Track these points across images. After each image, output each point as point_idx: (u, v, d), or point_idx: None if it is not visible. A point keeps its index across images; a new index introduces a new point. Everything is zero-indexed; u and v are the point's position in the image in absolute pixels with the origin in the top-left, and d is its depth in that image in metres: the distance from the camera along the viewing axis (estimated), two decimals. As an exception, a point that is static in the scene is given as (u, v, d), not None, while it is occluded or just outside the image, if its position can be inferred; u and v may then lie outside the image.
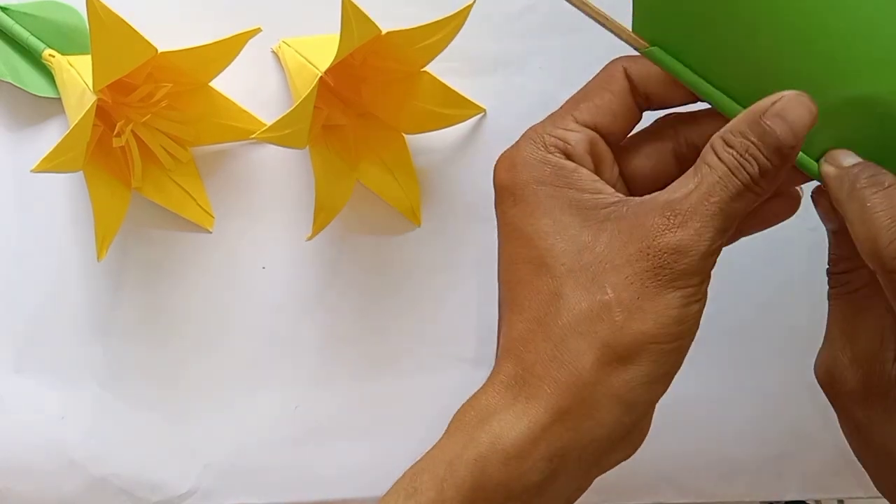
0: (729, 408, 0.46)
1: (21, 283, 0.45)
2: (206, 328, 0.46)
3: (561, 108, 0.33)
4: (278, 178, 0.46)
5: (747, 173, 0.30)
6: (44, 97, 0.44)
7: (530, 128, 0.33)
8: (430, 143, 0.46)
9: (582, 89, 0.33)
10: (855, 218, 0.30)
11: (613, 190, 0.32)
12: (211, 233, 0.46)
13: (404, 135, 0.45)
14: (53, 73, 0.43)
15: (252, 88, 0.45)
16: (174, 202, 0.45)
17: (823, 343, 0.35)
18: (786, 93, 0.30)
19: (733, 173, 0.30)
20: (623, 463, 0.46)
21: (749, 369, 0.46)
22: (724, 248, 0.47)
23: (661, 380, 0.31)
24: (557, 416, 0.30)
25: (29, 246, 0.45)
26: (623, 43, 0.33)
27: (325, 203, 0.43)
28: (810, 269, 0.47)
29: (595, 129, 0.33)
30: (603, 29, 0.34)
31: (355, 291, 0.46)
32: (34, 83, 0.44)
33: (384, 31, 0.39)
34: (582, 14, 0.34)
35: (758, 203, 0.31)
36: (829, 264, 0.35)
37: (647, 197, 0.31)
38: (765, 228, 0.35)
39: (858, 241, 0.30)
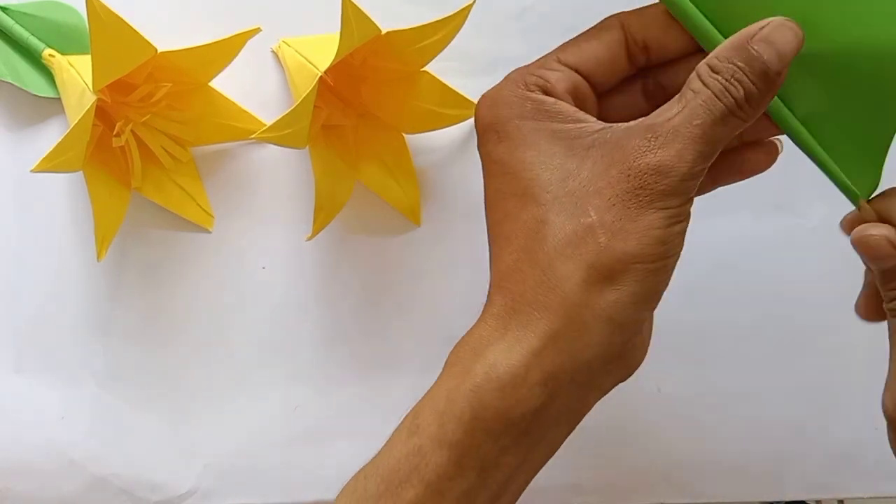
0: (729, 408, 0.46)
1: (21, 283, 0.45)
2: (206, 328, 0.46)
3: (548, 52, 0.34)
4: (278, 178, 0.46)
5: (732, 97, 0.30)
6: (44, 97, 0.44)
7: (513, 70, 0.33)
8: (430, 143, 0.46)
9: (574, 37, 0.34)
10: None
11: (597, 119, 0.32)
12: (211, 233, 0.46)
13: (404, 135, 0.45)
14: (53, 73, 0.43)
15: (252, 88, 0.45)
16: (174, 202, 0.45)
17: (890, 376, 0.35)
18: (772, 19, 0.31)
19: (718, 97, 0.30)
20: (623, 463, 0.46)
21: (749, 369, 0.46)
22: (723, 248, 0.48)
23: (648, 298, 0.32)
24: (549, 339, 0.31)
25: (29, 246, 0.45)
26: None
27: (325, 203, 0.43)
28: (810, 268, 0.47)
29: (579, 73, 0.33)
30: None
31: (355, 291, 0.46)
32: (34, 83, 0.44)
33: (384, 31, 0.39)
34: (582, 14, 0.34)
35: (741, 129, 0.31)
36: (885, 299, 0.34)
37: (631, 122, 0.31)
38: (742, 179, 0.36)
39: None
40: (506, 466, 0.32)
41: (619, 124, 0.31)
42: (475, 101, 0.44)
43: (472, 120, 0.45)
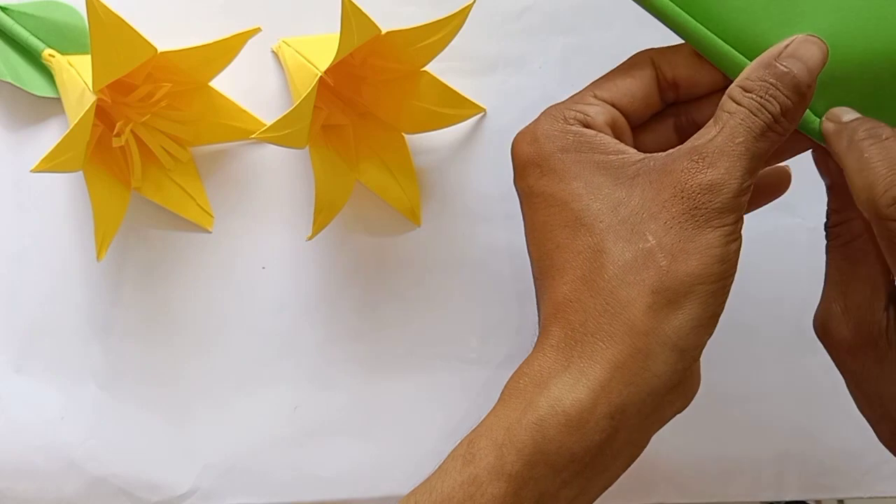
0: (729, 408, 0.46)
1: (21, 283, 0.45)
2: (206, 328, 0.46)
3: (582, 89, 0.34)
4: (278, 178, 0.46)
5: (769, 112, 0.31)
6: (44, 97, 0.44)
7: (549, 106, 0.34)
8: (430, 143, 0.46)
9: (606, 73, 0.34)
10: (853, 169, 0.31)
11: (636, 150, 0.33)
12: (211, 233, 0.46)
13: (404, 135, 0.45)
14: (53, 73, 0.43)
15: (252, 88, 0.45)
16: (174, 202, 0.45)
17: (821, 297, 0.35)
18: (795, 36, 0.32)
19: (754, 114, 0.31)
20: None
21: (749, 369, 0.46)
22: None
23: (709, 322, 0.31)
24: (615, 370, 0.30)
25: (29, 246, 0.45)
26: (622, 46, 0.34)
27: (325, 203, 0.43)
28: (810, 268, 0.47)
29: (615, 107, 0.34)
30: (601, 30, 0.34)
31: (355, 292, 0.46)
32: (34, 83, 0.44)
33: (384, 31, 0.39)
34: (582, 14, 0.34)
35: (780, 143, 0.32)
36: (826, 219, 0.35)
37: (671, 150, 0.32)
38: (759, 207, 0.37)
39: (855, 191, 0.31)
40: (563, 499, 0.31)
41: (659, 154, 0.32)
42: (475, 101, 0.44)
43: (472, 120, 0.45)
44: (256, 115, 0.45)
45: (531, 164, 0.33)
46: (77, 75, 0.41)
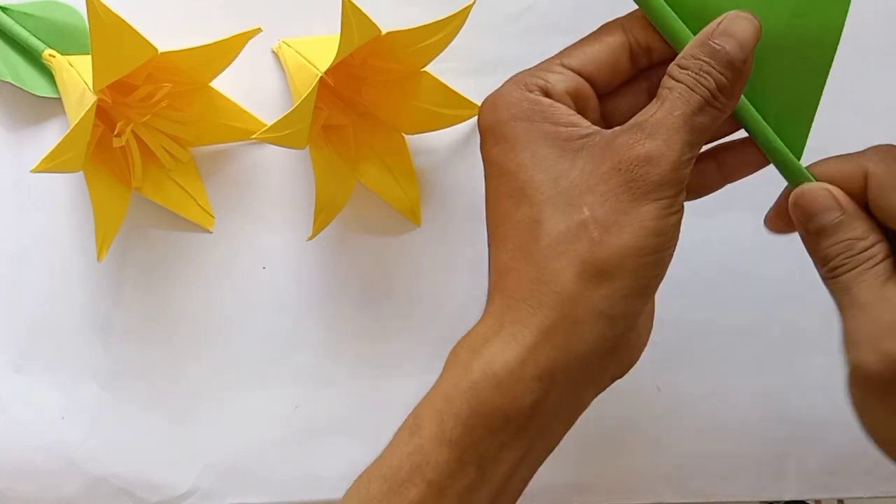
0: (729, 408, 0.46)
1: (21, 283, 0.45)
2: (207, 328, 0.46)
3: (551, 56, 0.34)
4: (278, 178, 0.46)
5: (705, 87, 0.31)
6: (44, 97, 0.45)
7: (516, 73, 0.34)
8: (430, 143, 0.46)
9: (577, 41, 0.35)
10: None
11: (589, 122, 0.33)
12: (211, 233, 0.46)
13: (404, 135, 0.45)
14: (53, 73, 0.43)
15: (252, 88, 0.45)
16: (174, 202, 0.45)
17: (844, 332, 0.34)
18: (727, 13, 0.32)
19: (692, 89, 0.31)
20: (623, 463, 0.46)
21: (749, 369, 0.46)
22: (723, 248, 0.47)
23: (642, 292, 0.32)
24: (543, 335, 0.31)
25: (29, 246, 0.45)
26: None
27: (325, 203, 0.43)
28: (810, 269, 0.47)
29: (581, 75, 0.34)
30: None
31: (355, 292, 0.46)
32: (34, 83, 0.44)
33: (384, 32, 0.39)
34: (582, 14, 0.34)
35: (721, 119, 0.32)
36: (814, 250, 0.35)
37: (616, 128, 0.32)
38: (750, 173, 0.36)
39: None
40: (506, 462, 0.32)
41: (607, 130, 0.32)
42: (475, 102, 0.44)
43: (472, 120, 0.45)
44: (256, 115, 0.45)
45: (488, 132, 0.34)
46: (77, 75, 0.41)
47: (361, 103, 0.44)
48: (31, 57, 0.44)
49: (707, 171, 0.36)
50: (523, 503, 0.46)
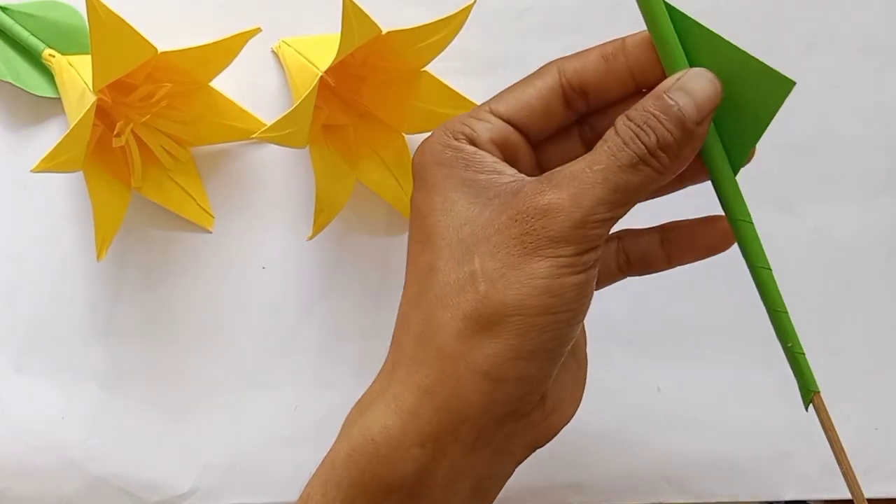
0: (729, 408, 0.46)
1: (21, 284, 0.45)
2: (207, 328, 0.46)
3: (484, 102, 0.33)
4: (278, 178, 0.46)
5: (642, 143, 0.29)
6: (44, 97, 0.44)
7: (450, 119, 0.33)
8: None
9: (512, 84, 0.33)
10: None
11: (515, 171, 0.31)
12: (211, 233, 0.46)
13: (404, 135, 0.45)
14: (53, 73, 0.43)
15: (252, 88, 0.45)
16: (174, 202, 0.45)
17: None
18: (690, 69, 0.30)
19: (626, 143, 0.29)
20: (623, 463, 0.46)
21: (749, 369, 0.46)
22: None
23: (534, 356, 0.29)
24: (423, 396, 0.29)
25: (29, 246, 0.45)
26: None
27: (325, 203, 0.43)
28: (810, 268, 0.47)
29: (509, 122, 0.32)
30: (601, 30, 0.34)
31: (355, 291, 0.46)
32: (34, 83, 0.44)
33: (384, 31, 0.39)
34: (582, 15, 0.34)
35: (661, 182, 0.29)
36: None
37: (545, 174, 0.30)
38: (698, 258, 0.35)
39: None
40: None
41: (531, 178, 0.30)
42: (475, 102, 0.44)
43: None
44: (256, 115, 0.45)
45: (415, 175, 0.32)
46: (77, 75, 0.41)
47: (361, 103, 0.44)
48: (31, 57, 0.44)
49: (650, 246, 0.35)
50: (523, 503, 0.46)
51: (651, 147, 0.29)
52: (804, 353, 0.32)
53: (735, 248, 0.39)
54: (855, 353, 0.46)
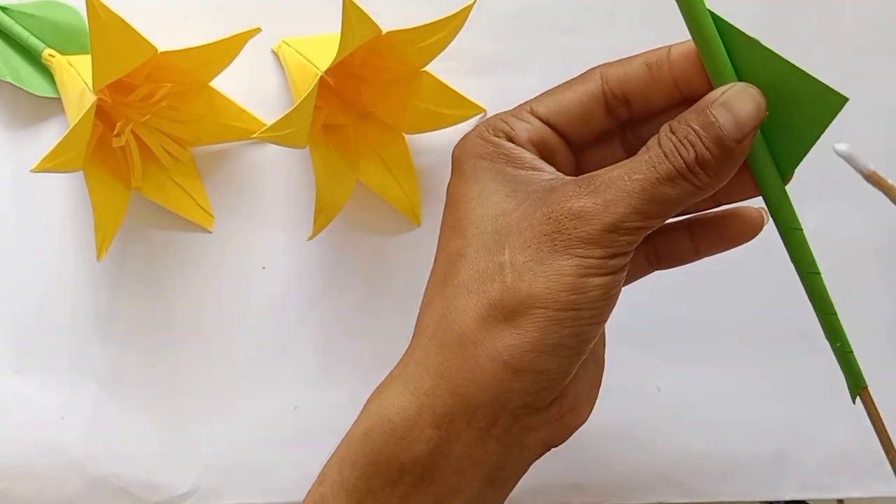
0: (729, 408, 0.46)
1: (21, 284, 0.45)
2: (206, 328, 0.46)
3: (525, 101, 0.33)
4: (278, 178, 0.46)
5: (681, 158, 0.29)
6: (44, 97, 0.44)
7: (492, 115, 0.33)
8: (430, 143, 0.46)
9: (556, 86, 0.33)
10: None
11: (555, 169, 0.31)
12: (211, 233, 0.46)
13: (404, 135, 0.45)
14: (53, 73, 0.43)
15: (252, 88, 0.45)
16: (174, 202, 0.45)
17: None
18: (735, 83, 0.29)
19: (667, 156, 0.29)
20: (623, 463, 0.46)
21: (749, 369, 0.46)
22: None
23: (554, 351, 0.29)
24: (441, 379, 0.29)
25: (29, 246, 0.45)
26: (623, 46, 0.33)
27: (325, 203, 0.43)
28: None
29: (548, 124, 0.32)
30: (602, 30, 0.34)
31: (355, 291, 0.46)
32: (34, 83, 0.44)
33: (384, 31, 0.39)
34: (582, 15, 0.34)
35: (699, 197, 0.29)
36: None
37: (583, 175, 0.30)
38: (726, 248, 0.35)
39: None
40: None
41: (570, 177, 0.31)
42: (475, 101, 0.44)
43: (472, 120, 0.45)
44: (256, 115, 0.45)
45: (453, 166, 0.33)
46: (77, 75, 0.41)
47: (361, 103, 0.44)
48: (31, 57, 0.44)
49: (679, 240, 0.35)
50: (523, 503, 0.46)
51: (690, 163, 0.29)
52: (853, 352, 0.32)
53: (736, 248, 0.39)
54: (855, 353, 0.46)
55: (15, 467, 0.45)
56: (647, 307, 0.46)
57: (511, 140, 0.32)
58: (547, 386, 0.30)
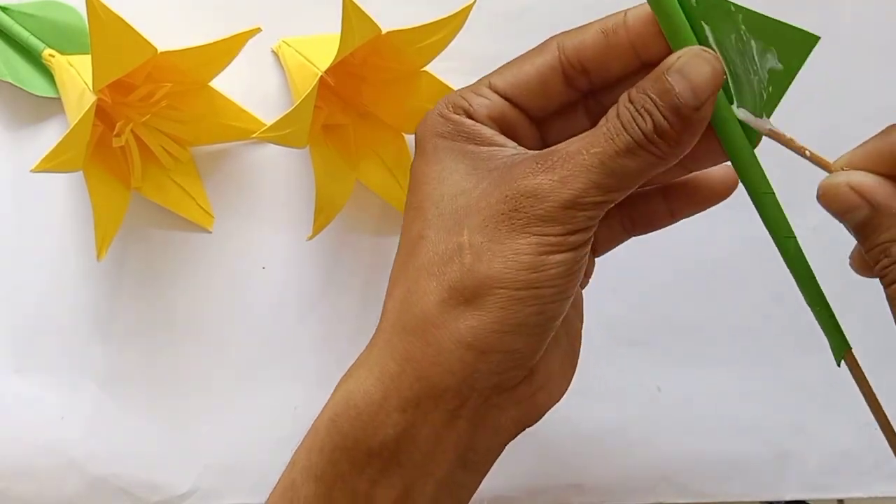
0: (729, 407, 0.46)
1: (21, 284, 0.45)
2: (206, 328, 0.46)
3: (484, 76, 0.32)
4: (278, 178, 0.46)
5: (639, 129, 0.28)
6: (44, 97, 0.44)
7: (451, 92, 0.32)
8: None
9: (513, 59, 0.32)
10: None
11: (516, 144, 0.31)
12: (211, 233, 0.46)
13: (404, 135, 0.45)
14: (53, 73, 0.43)
15: (252, 88, 0.45)
16: (174, 202, 0.45)
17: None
18: (689, 48, 0.28)
19: (624, 127, 0.28)
20: (623, 463, 0.46)
21: (749, 369, 0.46)
22: (723, 248, 0.47)
23: (519, 330, 0.29)
24: (406, 363, 0.29)
25: (28, 246, 0.45)
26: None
27: (325, 203, 0.43)
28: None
29: (507, 99, 0.31)
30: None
31: (355, 291, 0.46)
32: (34, 83, 0.44)
33: (384, 31, 0.39)
34: (582, 15, 0.34)
35: (662, 167, 0.29)
36: (862, 246, 0.30)
37: (542, 150, 0.30)
38: (699, 210, 0.34)
39: None
40: (383, 499, 0.30)
41: (531, 151, 0.30)
42: (475, 101, 0.44)
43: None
44: (256, 115, 0.45)
45: (417, 145, 0.32)
46: (77, 75, 0.41)
47: (361, 103, 0.44)
48: (31, 57, 0.44)
49: (652, 204, 0.34)
50: (523, 503, 0.46)
51: (648, 133, 0.28)
52: (834, 315, 0.31)
53: (735, 248, 0.39)
54: (855, 353, 0.46)
55: (15, 467, 0.45)
56: (647, 307, 0.46)
57: (470, 116, 0.31)
58: (514, 365, 0.30)
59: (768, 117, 0.29)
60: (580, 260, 0.29)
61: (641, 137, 0.28)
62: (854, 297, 0.44)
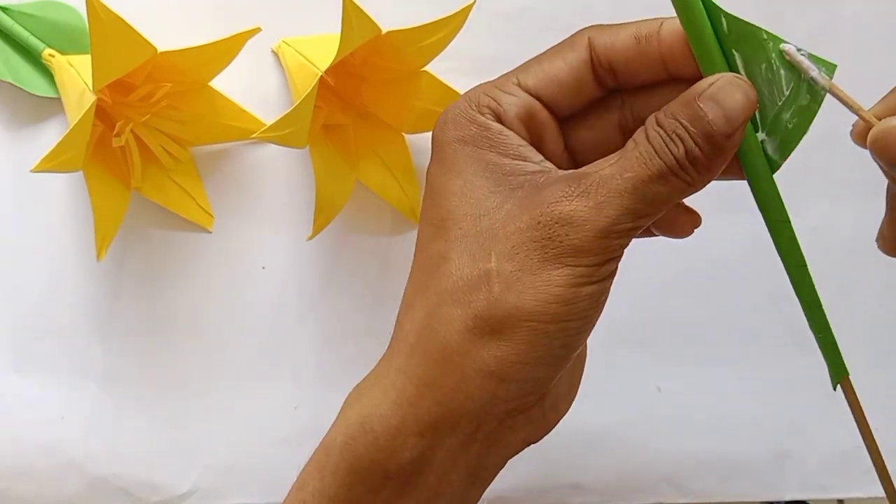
0: (729, 407, 0.46)
1: (21, 284, 0.45)
2: (206, 328, 0.46)
3: (510, 71, 0.31)
4: (278, 178, 0.46)
5: (672, 155, 0.27)
6: (44, 97, 0.44)
7: (474, 86, 0.31)
8: (431, 143, 0.46)
9: (541, 53, 0.31)
10: None
11: (542, 158, 0.29)
12: (211, 233, 0.46)
13: (404, 135, 0.45)
14: (53, 73, 0.43)
15: (252, 88, 0.45)
16: (174, 202, 0.45)
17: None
18: (723, 74, 0.28)
19: (657, 153, 0.27)
20: (623, 463, 0.46)
21: (749, 369, 0.46)
22: (723, 248, 0.47)
23: (541, 361, 0.28)
24: (425, 388, 0.28)
25: (28, 246, 0.45)
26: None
27: (325, 203, 0.43)
28: (811, 267, 0.47)
29: (537, 97, 0.30)
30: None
31: (355, 291, 0.46)
32: (34, 83, 0.44)
33: (384, 31, 0.39)
34: (582, 15, 0.34)
35: (690, 193, 0.28)
36: None
37: (570, 171, 0.28)
38: (667, 235, 0.33)
39: None
40: None
41: (559, 171, 0.29)
42: (475, 101, 0.44)
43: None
44: (256, 115, 0.45)
45: (434, 148, 0.30)
46: (77, 75, 0.41)
47: (361, 103, 0.44)
48: (31, 57, 0.44)
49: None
50: (523, 503, 0.46)
51: (680, 159, 0.27)
52: (835, 341, 0.32)
53: (735, 248, 0.39)
54: (855, 353, 0.46)
55: (15, 467, 0.45)
56: (647, 307, 0.46)
57: (499, 118, 0.30)
58: (532, 391, 0.29)
59: (783, 159, 0.29)
60: (606, 291, 0.29)
61: (674, 163, 0.27)
62: (854, 297, 0.44)
